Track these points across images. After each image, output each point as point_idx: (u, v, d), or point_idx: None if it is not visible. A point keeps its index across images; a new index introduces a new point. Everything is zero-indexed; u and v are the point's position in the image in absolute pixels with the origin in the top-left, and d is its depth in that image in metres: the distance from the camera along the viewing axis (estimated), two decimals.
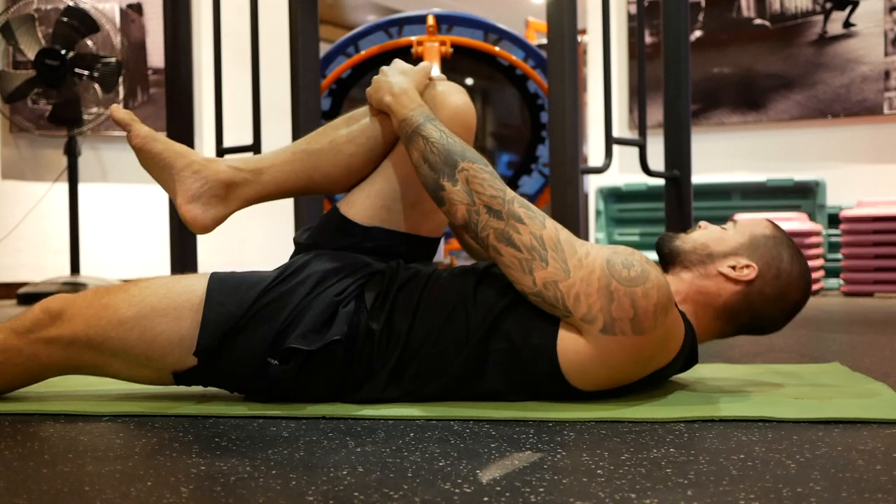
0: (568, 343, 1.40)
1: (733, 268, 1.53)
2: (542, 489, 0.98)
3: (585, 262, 1.37)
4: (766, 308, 1.55)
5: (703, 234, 1.59)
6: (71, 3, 4.47)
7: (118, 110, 1.59)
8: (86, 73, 4.49)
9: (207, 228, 1.60)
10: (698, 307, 1.55)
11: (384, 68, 1.61)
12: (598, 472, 1.05)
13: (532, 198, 4.49)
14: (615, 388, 1.46)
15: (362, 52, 4.07)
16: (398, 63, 1.62)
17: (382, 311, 1.47)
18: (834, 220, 5.12)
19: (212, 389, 1.62)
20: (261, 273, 1.53)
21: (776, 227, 1.60)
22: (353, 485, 1.00)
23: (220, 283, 1.48)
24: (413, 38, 3.88)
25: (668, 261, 1.59)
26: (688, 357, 1.53)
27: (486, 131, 5.09)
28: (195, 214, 1.58)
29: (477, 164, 1.44)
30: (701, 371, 1.84)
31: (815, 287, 4.77)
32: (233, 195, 1.60)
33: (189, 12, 3.05)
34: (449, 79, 1.68)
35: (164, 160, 1.59)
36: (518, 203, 1.42)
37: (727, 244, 1.56)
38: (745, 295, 1.53)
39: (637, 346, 1.37)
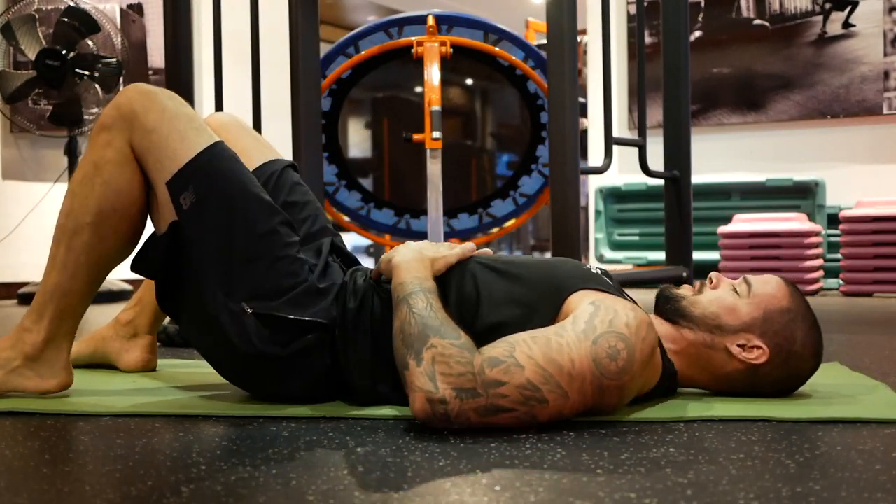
0: None
1: (742, 347, 1.43)
2: (541, 489, 0.98)
3: (576, 373, 1.26)
4: (769, 386, 1.47)
5: (714, 301, 1.46)
6: (71, 4, 4.47)
7: None
8: (86, 73, 4.49)
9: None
10: (693, 366, 1.47)
11: (409, 243, 1.49)
12: (598, 472, 1.05)
13: (532, 198, 4.49)
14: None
15: (362, 53, 4.07)
16: (426, 242, 1.50)
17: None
18: (833, 220, 5.12)
19: (211, 390, 1.62)
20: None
21: (793, 295, 1.46)
22: (353, 485, 1.00)
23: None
24: (413, 39, 3.88)
25: (671, 318, 1.48)
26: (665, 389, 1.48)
27: (486, 131, 5.09)
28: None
29: (447, 340, 1.25)
30: None
31: (814, 287, 4.77)
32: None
33: (189, 12, 3.05)
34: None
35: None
36: (488, 363, 1.24)
37: (739, 318, 1.44)
38: (750, 374, 1.45)
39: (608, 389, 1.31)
